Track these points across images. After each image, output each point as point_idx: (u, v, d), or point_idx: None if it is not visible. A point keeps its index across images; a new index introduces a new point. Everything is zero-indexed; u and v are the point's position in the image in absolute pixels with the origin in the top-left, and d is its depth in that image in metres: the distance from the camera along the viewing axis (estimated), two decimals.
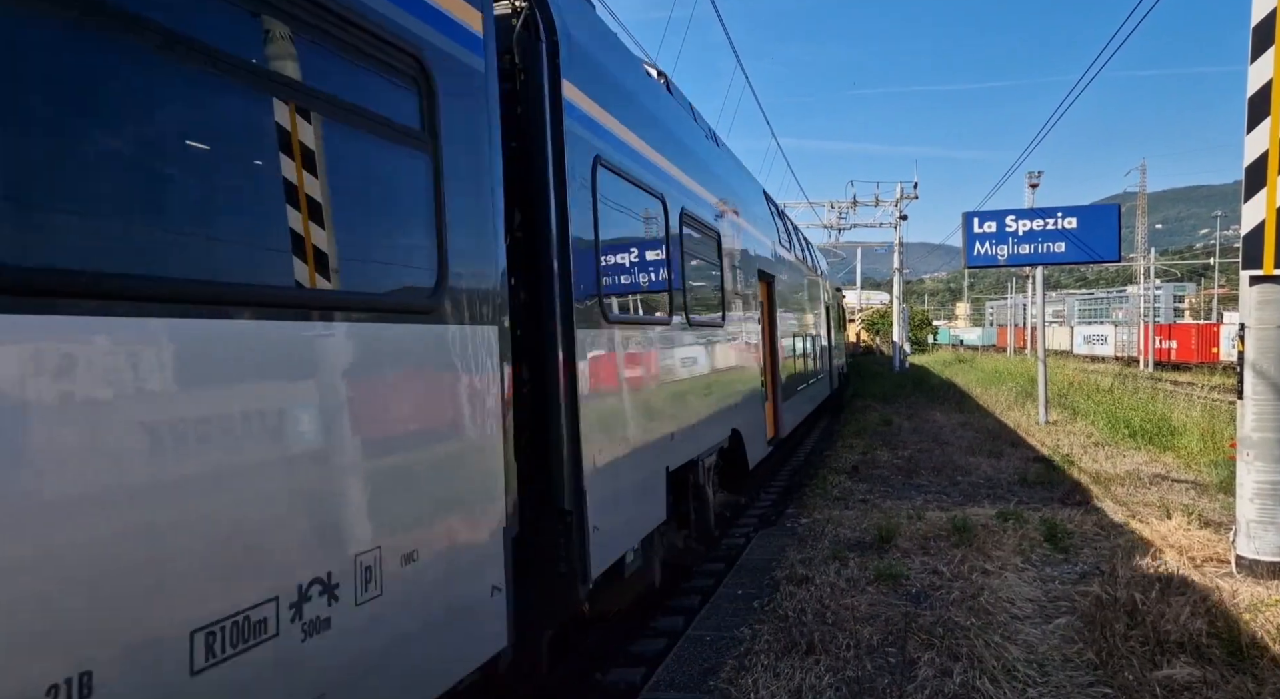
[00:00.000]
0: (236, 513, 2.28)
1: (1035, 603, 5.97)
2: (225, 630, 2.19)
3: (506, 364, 3.72)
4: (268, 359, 2.43)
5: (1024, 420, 17.84)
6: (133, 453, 2.00)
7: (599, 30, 5.44)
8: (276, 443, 2.43)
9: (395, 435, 2.98)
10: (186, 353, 2.16)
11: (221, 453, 2.23)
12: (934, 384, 29.20)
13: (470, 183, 3.52)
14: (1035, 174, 22.03)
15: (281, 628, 2.36)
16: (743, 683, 4.73)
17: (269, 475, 2.39)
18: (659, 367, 6.15)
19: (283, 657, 2.37)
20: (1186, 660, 4.66)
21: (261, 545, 2.34)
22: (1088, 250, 16.50)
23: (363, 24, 2.84)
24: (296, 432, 2.52)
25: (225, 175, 2.44)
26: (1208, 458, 11.85)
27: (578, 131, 4.61)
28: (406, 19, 3.09)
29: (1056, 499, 9.69)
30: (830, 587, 6.36)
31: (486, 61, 3.69)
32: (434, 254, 3.25)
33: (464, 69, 3.50)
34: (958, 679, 4.67)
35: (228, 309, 2.29)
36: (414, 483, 3.07)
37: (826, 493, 10.35)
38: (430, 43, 3.24)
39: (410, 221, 3.18)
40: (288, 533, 2.45)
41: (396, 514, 2.94)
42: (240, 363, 2.33)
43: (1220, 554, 6.97)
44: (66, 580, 1.83)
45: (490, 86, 3.74)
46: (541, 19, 4.33)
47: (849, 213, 40.58)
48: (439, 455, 3.24)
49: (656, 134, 6.41)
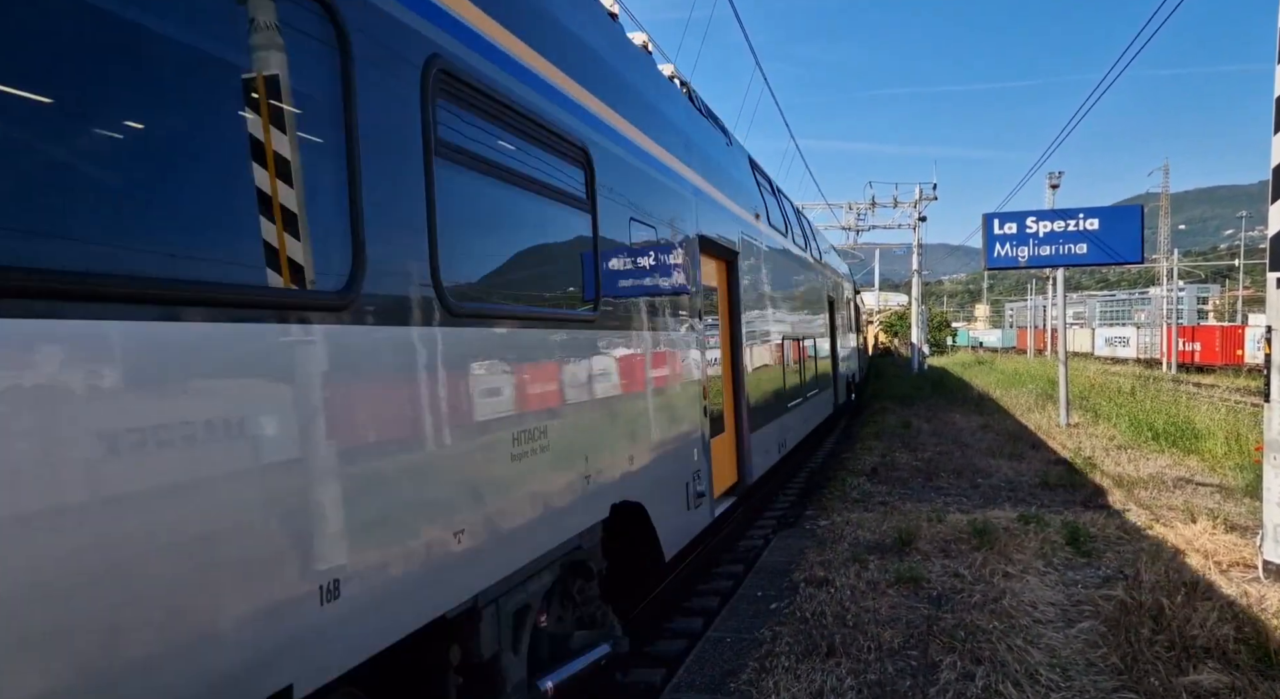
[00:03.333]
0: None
1: (1058, 607, 5.92)
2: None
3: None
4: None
5: (1045, 423, 17.68)
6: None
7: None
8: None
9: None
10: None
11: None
12: (953, 386, 29.01)
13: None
14: (1056, 174, 21.82)
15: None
16: (764, 685, 4.73)
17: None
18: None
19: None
20: (1214, 666, 4.61)
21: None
22: (1110, 252, 16.35)
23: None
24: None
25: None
26: (1233, 462, 11.70)
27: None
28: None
29: (1078, 502, 9.61)
30: (850, 589, 6.34)
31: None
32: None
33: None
34: (980, 683, 4.64)
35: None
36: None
37: (845, 495, 10.31)
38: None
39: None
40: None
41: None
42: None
43: (1247, 559, 6.89)
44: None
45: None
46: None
47: (867, 214, 40.39)
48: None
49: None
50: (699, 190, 7.51)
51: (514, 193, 4.03)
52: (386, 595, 2.86)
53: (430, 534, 3.14)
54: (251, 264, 2.45)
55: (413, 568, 3.01)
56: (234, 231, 2.43)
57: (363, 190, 2.82)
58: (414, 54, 3.20)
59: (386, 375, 2.95)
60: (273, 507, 2.41)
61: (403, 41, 3.14)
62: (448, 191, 3.35)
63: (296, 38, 2.64)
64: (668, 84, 7.42)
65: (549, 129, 4.33)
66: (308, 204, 2.62)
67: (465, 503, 3.40)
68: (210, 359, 2.26)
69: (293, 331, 2.52)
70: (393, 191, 3.03)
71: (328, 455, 2.62)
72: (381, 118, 2.99)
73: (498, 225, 3.95)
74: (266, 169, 2.49)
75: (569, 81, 4.64)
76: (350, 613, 2.66)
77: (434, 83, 3.28)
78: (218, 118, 2.41)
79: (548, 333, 4.28)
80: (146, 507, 2.04)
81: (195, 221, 2.30)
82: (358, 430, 2.78)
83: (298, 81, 2.63)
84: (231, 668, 2.25)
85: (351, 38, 2.81)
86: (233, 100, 2.45)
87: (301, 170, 2.60)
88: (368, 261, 2.80)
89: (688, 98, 8.01)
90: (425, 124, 3.23)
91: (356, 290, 2.75)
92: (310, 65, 2.70)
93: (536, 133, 4.19)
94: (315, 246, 2.64)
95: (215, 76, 2.40)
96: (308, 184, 2.63)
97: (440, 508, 3.23)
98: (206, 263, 2.31)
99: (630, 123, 5.78)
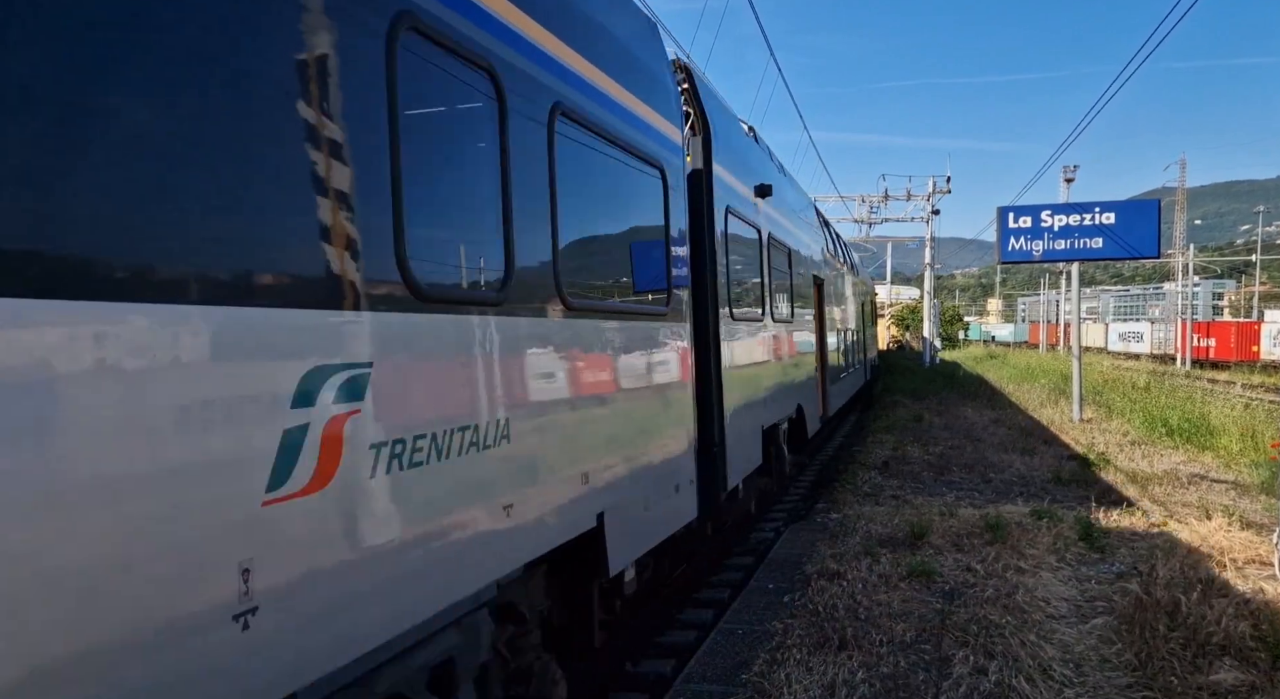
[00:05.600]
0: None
1: (1071, 602, 5.89)
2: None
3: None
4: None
5: (1057, 418, 17.59)
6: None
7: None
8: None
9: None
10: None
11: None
12: (965, 380, 28.88)
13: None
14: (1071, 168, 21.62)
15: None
16: (775, 677, 4.72)
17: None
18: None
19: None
20: (1231, 664, 4.57)
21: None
22: (1126, 246, 16.21)
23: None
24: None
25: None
26: (1248, 458, 11.61)
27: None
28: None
29: (1092, 498, 9.54)
30: (862, 582, 6.32)
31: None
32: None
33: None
34: (993, 678, 4.62)
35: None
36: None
37: (857, 488, 10.29)
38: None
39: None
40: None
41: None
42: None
43: (1263, 556, 6.83)
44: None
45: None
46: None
47: (880, 207, 40.19)
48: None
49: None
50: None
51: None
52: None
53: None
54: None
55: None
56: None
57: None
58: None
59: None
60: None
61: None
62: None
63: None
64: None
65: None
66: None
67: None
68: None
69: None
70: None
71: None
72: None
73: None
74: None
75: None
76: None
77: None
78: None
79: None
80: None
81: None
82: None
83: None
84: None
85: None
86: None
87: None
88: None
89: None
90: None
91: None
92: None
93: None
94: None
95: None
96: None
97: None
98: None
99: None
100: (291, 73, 2.37)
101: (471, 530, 3.13)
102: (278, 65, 2.33)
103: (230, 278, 2.15)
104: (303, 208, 2.38)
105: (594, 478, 4.17)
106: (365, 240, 2.59)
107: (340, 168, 2.50)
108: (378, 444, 2.61)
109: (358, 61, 2.62)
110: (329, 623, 2.39)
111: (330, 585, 2.39)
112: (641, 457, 4.96)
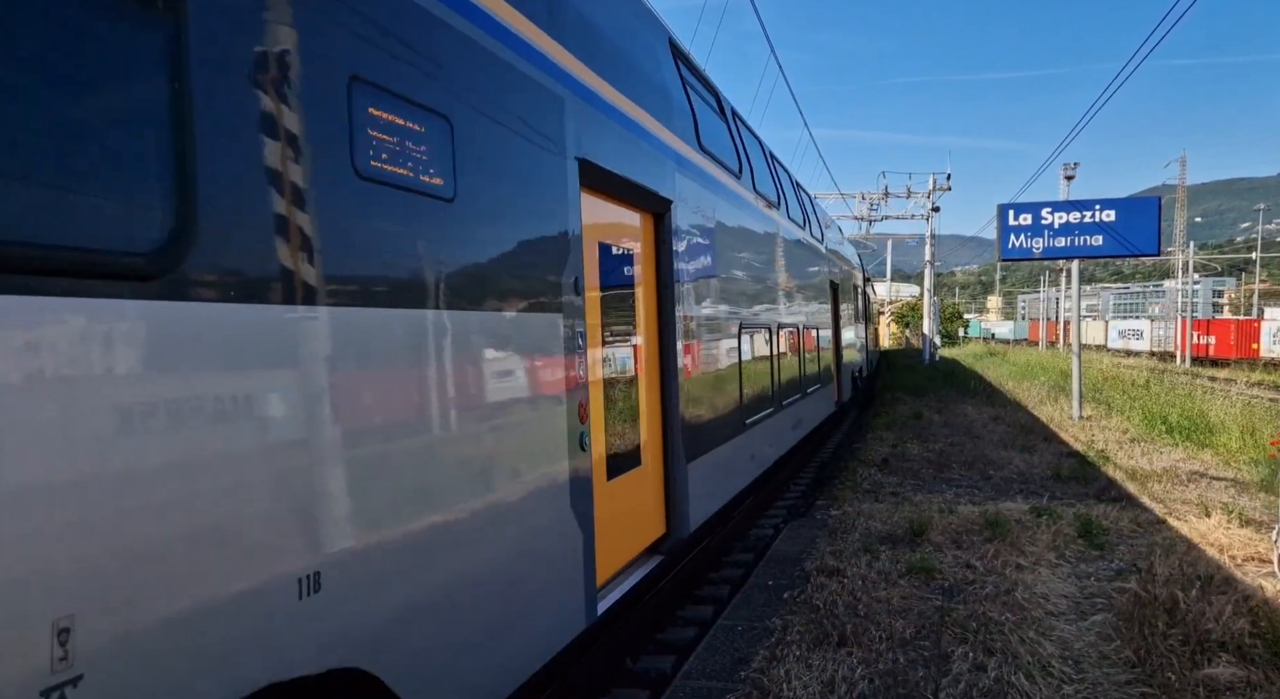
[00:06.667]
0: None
1: (1070, 599, 5.90)
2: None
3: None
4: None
5: (1057, 415, 17.59)
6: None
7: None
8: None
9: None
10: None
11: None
12: (965, 377, 28.88)
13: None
14: (1071, 165, 21.60)
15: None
16: (775, 673, 4.73)
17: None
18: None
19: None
20: (1229, 660, 4.58)
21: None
22: (1126, 244, 16.20)
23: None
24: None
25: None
26: (1247, 456, 11.61)
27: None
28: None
29: (1091, 495, 9.56)
30: (862, 579, 6.33)
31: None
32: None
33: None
34: (993, 674, 4.63)
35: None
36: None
37: (857, 485, 10.30)
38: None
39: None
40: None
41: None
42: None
43: (1262, 554, 6.84)
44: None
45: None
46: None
47: (880, 204, 40.18)
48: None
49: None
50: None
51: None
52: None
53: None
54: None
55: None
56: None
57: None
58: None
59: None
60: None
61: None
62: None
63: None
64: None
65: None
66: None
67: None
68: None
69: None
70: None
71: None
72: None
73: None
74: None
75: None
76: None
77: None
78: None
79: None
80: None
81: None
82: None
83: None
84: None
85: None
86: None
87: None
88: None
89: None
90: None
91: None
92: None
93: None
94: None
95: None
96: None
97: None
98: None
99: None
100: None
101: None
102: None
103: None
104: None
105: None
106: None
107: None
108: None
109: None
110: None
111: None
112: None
